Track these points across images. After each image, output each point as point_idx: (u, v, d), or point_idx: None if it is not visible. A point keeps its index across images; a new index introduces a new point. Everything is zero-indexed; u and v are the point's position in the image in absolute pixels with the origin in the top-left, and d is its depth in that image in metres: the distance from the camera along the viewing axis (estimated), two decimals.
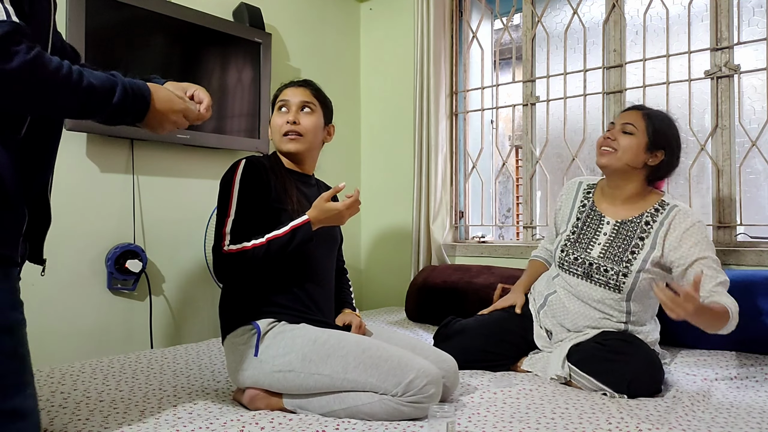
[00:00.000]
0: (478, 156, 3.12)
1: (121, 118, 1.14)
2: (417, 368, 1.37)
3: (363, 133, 3.49)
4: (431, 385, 1.36)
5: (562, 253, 1.89)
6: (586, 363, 1.66)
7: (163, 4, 2.42)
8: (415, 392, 1.35)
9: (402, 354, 1.42)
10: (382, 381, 1.36)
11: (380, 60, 3.47)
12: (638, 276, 1.74)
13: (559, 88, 2.83)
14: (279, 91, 1.71)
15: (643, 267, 1.74)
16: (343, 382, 1.39)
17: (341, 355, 1.41)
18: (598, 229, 1.86)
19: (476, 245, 3.04)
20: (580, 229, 1.91)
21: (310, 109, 1.66)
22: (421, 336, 2.42)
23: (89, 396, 1.56)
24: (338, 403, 1.40)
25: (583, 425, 1.35)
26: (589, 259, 1.82)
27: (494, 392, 1.63)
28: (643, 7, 2.59)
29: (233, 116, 2.70)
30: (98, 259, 2.33)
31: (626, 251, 1.77)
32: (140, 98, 1.15)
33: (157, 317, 2.50)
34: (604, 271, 1.78)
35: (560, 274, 1.90)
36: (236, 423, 1.35)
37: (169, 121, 1.22)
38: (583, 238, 1.88)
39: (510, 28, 3.03)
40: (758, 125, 2.31)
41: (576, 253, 1.86)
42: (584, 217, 1.92)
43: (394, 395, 1.35)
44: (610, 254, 1.79)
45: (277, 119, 1.67)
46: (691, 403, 1.51)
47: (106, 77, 1.10)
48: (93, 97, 1.07)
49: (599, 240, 1.84)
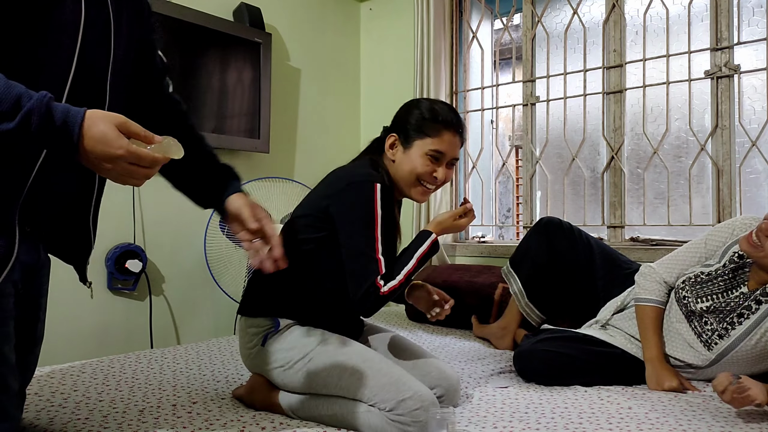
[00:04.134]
0: (478, 156, 3.12)
1: (29, 149, 0.89)
2: (414, 390, 1.31)
3: (363, 133, 3.49)
4: (422, 411, 1.29)
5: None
6: None
7: (163, 4, 2.42)
8: (404, 413, 1.28)
9: (403, 374, 1.37)
10: (375, 393, 1.32)
11: (380, 60, 3.47)
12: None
13: (559, 88, 2.83)
14: (436, 126, 1.50)
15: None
16: (336, 387, 1.36)
17: (341, 360, 1.38)
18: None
19: (476, 245, 3.04)
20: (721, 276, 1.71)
21: (456, 164, 1.62)
22: (421, 336, 2.42)
23: (89, 396, 1.56)
24: (326, 408, 1.37)
25: (583, 425, 1.35)
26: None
27: (494, 392, 1.63)
28: (643, 7, 2.59)
29: (233, 116, 2.70)
30: (98, 259, 2.33)
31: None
32: (61, 132, 0.84)
33: (157, 317, 2.50)
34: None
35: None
36: (236, 423, 1.35)
37: (103, 169, 0.89)
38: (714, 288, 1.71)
39: (510, 28, 3.03)
40: (758, 125, 2.31)
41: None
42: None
43: (382, 409, 1.30)
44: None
45: (425, 165, 1.50)
46: (690, 404, 1.51)
47: (16, 95, 0.82)
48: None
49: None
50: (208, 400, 1.54)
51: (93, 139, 0.86)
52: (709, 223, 2.40)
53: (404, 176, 1.53)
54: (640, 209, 2.60)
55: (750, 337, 1.59)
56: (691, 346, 1.69)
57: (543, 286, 2.19)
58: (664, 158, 2.53)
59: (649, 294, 1.79)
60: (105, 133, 0.86)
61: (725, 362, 1.64)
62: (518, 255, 2.26)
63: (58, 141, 0.85)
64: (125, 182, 0.92)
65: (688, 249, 1.84)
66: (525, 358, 1.79)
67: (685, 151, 2.53)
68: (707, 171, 2.45)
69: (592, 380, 1.72)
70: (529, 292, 2.18)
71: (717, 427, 1.33)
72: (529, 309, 2.18)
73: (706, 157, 2.43)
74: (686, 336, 1.70)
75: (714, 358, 1.65)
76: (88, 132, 0.86)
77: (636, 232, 2.62)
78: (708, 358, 1.67)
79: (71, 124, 0.85)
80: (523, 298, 2.19)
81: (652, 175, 2.59)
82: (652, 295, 1.79)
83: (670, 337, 1.74)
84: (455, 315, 2.56)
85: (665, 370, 1.67)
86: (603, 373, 1.73)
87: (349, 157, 1.68)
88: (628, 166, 2.65)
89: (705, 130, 2.44)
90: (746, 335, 1.60)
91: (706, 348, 1.66)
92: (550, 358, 1.75)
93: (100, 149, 0.86)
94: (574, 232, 2.18)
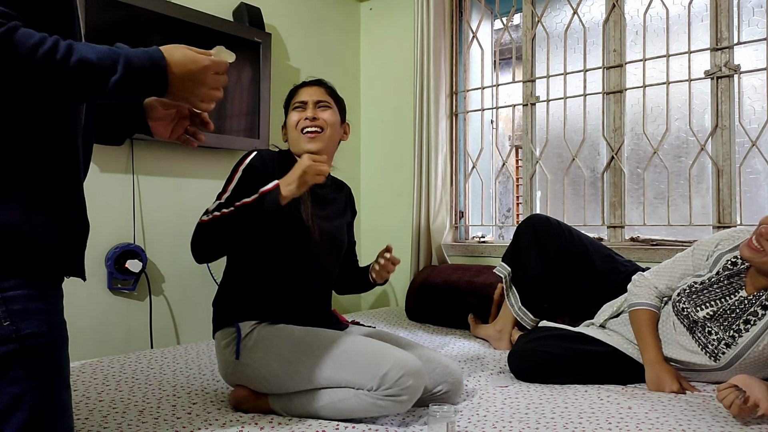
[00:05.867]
0: (478, 156, 3.12)
1: (133, 94, 0.95)
2: (392, 360, 1.31)
3: (363, 133, 3.49)
4: (408, 376, 1.29)
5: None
6: None
7: (163, 4, 2.42)
8: (390, 385, 1.29)
9: (378, 347, 1.37)
10: (357, 376, 1.32)
11: (380, 60, 3.46)
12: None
13: (559, 88, 2.83)
14: (293, 93, 1.69)
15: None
16: (320, 380, 1.37)
17: (317, 354, 1.39)
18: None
19: (476, 245, 3.04)
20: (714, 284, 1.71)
21: (327, 106, 1.65)
22: (420, 337, 2.42)
23: (89, 396, 1.56)
24: (316, 401, 1.37)
25: (583, 425, 1.35)
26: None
27: (494, 392, 1.63)
28: (643, 7, 2.59)
29: (233, 116, 2.70)
30: (98, 259, 2.33)
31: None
32: (152, 69, 0.94)
33: (157, 317, 2.50)
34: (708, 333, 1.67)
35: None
36: (236, 423, 1.35)
37: (193, 90, 0.99)
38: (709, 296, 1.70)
39: (510, 28, 3.03)
40: (758, 125, 2.31)
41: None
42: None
43: (370, 390, 1.30)
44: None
45: (293, 116, 1.63)
46: (690, 404, 1.51)
47: (106, 51, 0.91)
48: (87, 76, 0.88)
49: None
50: (207, 400, 1.54)
51: (179, 64, 0.96)
52: (709, 223, 2.39)
53: (292, 139, 1.64)
54: (640, 209, 2.60)
55: (758, 343, 1.58)
56: (695, 355, 1.68)
57: (538, 298, 2.18)
58: (664, 158, 2.53)
59: (642, 298, 1.80)
60: (186, 54, 0.97)
61: (733, 370, 1.63)
62: (509, 256, 2.25)
63: (153, 75, 0.94)
64: (215, 97, 1.03)
65: (675, 259, 1.86)
66: (518, 359, 1.80)
67: (685, 151, 2.53)
68: (707, 171, 2.45)
69: (586, 378, 1.73)
70: (524, 299, 2.18)
71: (717, 427, 1.33)
72: (522, 313, 2.18)
73: (706, 157, 2.43)
74: (689, 347, 1.69)
75: (721, 367, 1.65)
76: (171, 59, 0.95)
77: (636, 232, 2.62)
78: (714, 368, 1.66)
79: (156, 57, 0.94)
80: (516, 303, 2.19)
81: (652, 175, 2.59)
82: (644, 299, 1.80)
83: (672, 348, 1.72)
84: (455, 315, 2.58)
85: (666, 373, 1.67)
86: (595, 371, 1.74)
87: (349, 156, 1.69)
88: (628, 166, 2.65)
89: (705, 130, 2.44)
90: (754, 341, 1.59)
91: (712, 359, 1.64)
92: (542, 358, 1.76)
93: (190, 68, 0.97)
94: (564, 233, 2.16)
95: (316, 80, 1.70)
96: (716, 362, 1.64)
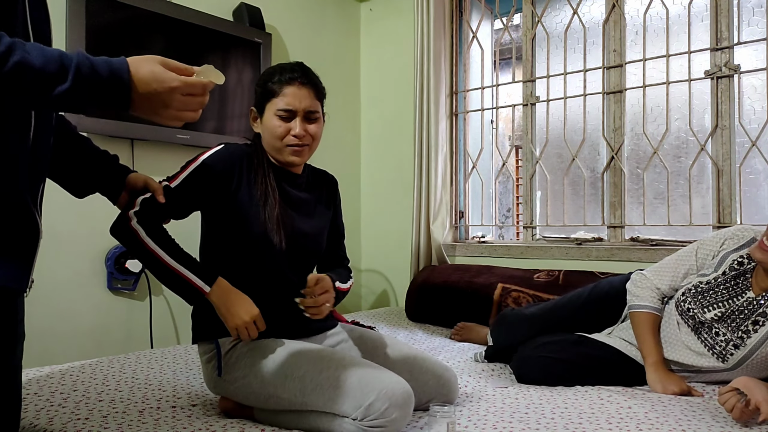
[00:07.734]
0: (478, 156, 3.12)
1: (85, 105, 0.86)
2: (378, 389, 1.24)
3: (363, 133, 3.48)
4: (394, 408, 1.23)
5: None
6: None
7: (163, 4, 2.43)
8: (376, 416, 1.22)
9: (363, 373, 1.29)
10: (340, 404, 1.26)
11: (380, 60, 3.47)
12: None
13: (559, 88, 2.83)
14: (277, 86, 1.45)
15: None
16: (302, 405, 1.31)
17: (298, 376, 1.31)
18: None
19: (476, 245, 3.04)
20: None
21: (316, 117, 1.48)
22: (420, 337, 2.42)
23: (89, 396, 1.56)
24: (301, 423, 1.33)
25: (583, 425, 1.35)
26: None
27: (494, 392, 1.63)
28: (643, 7, 2.59)
29: (233, 117, 2.70)
30: (98, 259, 2.33)
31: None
32: (110, 81, 0.85)
33: (157, 317, 2.50)
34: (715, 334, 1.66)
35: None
36: (236, 424, 1.35)
37: (159, 110, 0.90)
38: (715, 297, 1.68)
39: (510, 28, 3.03)
40: (758, 125, 2.31)
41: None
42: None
43: (354, 419, 1.24)
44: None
45: (276, 124, 1.44)
46: (690, 404, 1.51)
47: (56, 56, 0.82)
48: (25, 81, 0.79)
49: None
50: (207, 401, 1.54)
51: (144, 81, 0.87)
52: (709, 223, 2.40)
53: (269, 142, 1.48)
54: (639, 209, 2.60)
55: (767, 343, 1.57)
56: (702, 356, 1.67)
57: None
58: (664, 158, 2.53)
59: (643, 300, 1.76)
60: (154, 71, 0.88)
61: (740, 370, 1.62)
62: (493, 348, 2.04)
63: (111, 90, 0.85)
64: (183, 118, 0.92)
65: (678, 257, 1.82)
66: (524, 366, 1.76)
67: (685, 151, 2.53)
68: (707, 171, 2.45)
69: (594, 383, 1.71)
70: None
71: (717, 427, 1.33)
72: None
73: (706, 157, 2.43)
74: (695, 348, 1.68)
75: (729, 368, 1.64)
76: (136, 74, 0.87)
77: (636, 232, 2.62)
78: (722, 368, 1.65)
79: (118, 70, 0.86)
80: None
81: (652, 175, 2.59)
82: (645, 301, 1.76)
83: (675, 349, 1.71)
84: (455, 315, 2.58)
85: (669, 376, 1.66)
86: (601, 376, 1.72)
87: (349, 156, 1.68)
88: (628, 166, 2.65)
89: (705, 130, 2.44)
90: (762, 342, 1.58)
91: (720, 360, 1.64)
92: (547, 365, 1.73)
93: (155, 87, 0.87)
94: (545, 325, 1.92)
95: (306, 78, 1.47)
96: (724, 363, 1.63)
